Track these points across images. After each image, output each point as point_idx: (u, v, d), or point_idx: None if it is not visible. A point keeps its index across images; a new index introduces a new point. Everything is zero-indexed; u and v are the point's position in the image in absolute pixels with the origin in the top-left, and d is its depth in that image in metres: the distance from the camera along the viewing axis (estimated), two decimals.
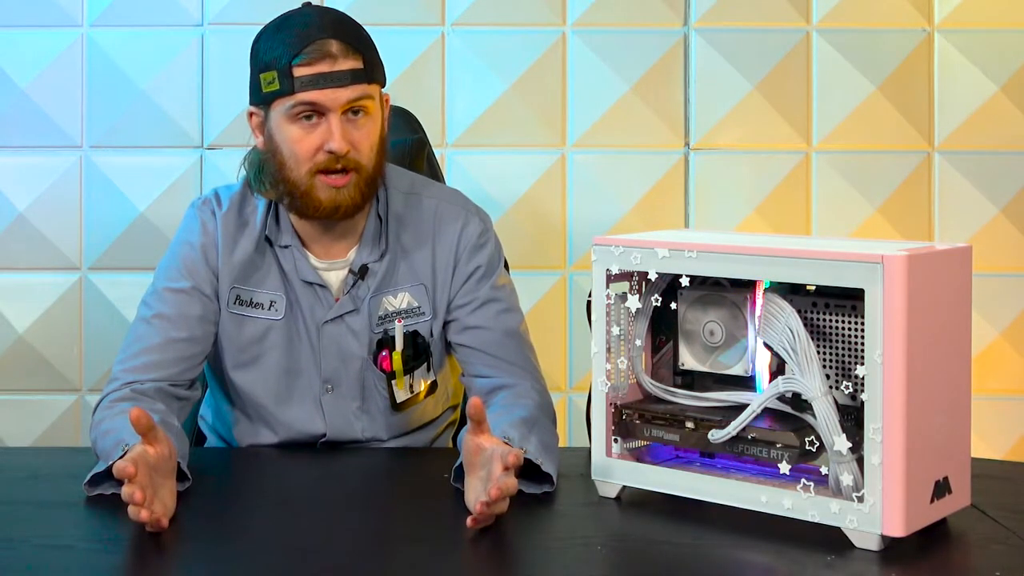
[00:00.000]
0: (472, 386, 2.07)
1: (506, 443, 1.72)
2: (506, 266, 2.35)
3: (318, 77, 1.92)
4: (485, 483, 1.65)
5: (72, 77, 3.01)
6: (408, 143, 2.39)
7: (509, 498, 1.64)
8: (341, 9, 2.97)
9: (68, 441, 3.01)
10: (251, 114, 2.02)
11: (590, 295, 1.79)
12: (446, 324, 2.10)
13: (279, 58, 1.93)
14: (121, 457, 1.66)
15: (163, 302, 2.03)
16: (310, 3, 2.04)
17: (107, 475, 1.76)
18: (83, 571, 1.55)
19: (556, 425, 2.00)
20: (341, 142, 1.93)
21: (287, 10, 2.02)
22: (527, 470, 1.76)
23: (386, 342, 2.05)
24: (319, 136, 1.94)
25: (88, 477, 1.78)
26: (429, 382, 2.09)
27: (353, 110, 1.95)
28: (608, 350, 1.78)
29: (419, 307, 2.07)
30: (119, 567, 1.55)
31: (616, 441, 1.79)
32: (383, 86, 2.02)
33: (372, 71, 1.97)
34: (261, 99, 1.97)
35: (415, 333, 2.07)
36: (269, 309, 2.05)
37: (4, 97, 3.01)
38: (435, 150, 2.56)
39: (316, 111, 1.93)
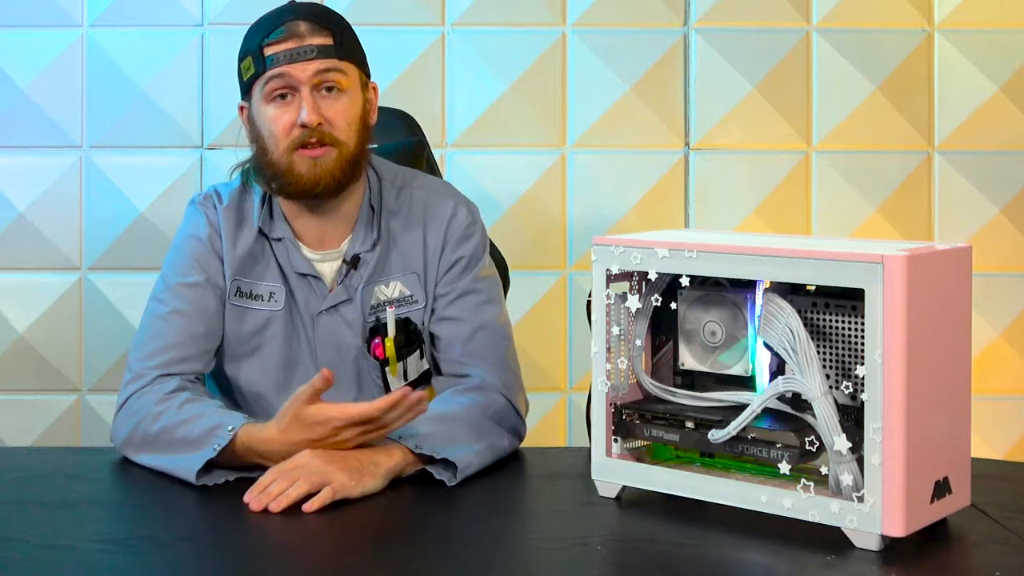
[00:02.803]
0: (441, 386, 2.07)
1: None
2: (504, 266, 2.35)
3: (286, 53, 1.99)
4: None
5: (72, 77, 3.01)
6: (408, 146, 2.40)
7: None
8: (341, 10, 2.99)
9: (68, 441, 3.01)
10: (241, 108, 2.09)
11: (590, 295, 1.79)
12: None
13: (252, 43, 2.02)
14: (229, 440, 1.82)
15: (178, 297, 2.04)
16: (295, 0, 2.09)
17: (207, 466, 1.83)
18: (83, 571, 1.54)
19: (506, 421, 1.99)
20: (311, 114, 1.98)
21: None
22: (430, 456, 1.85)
23: (378, 329, 2.06)
24: (293, 112, 2.00)
25: (200, 466, 1.82)
26: (423, 370, 2.09)
27: (327, 87, 2.01)
28: (608, 350, 1.78)
29: (411, 295, 2.08)
30: (119, 567, 1.55)
31: (616, 441, 1.79)
32: (361, 68, 2.06)
33: (343, 48, 2.02)
34: (244, 89, 2.05)
35: (407, 320, 2.07)
36: (269, 300, 2.07)
37: (4, 97, 3.01)
38: (435, 150, 2.56)
39: (289, 88, 2.00)
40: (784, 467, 1.65)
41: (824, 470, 1.65)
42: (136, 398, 1.97)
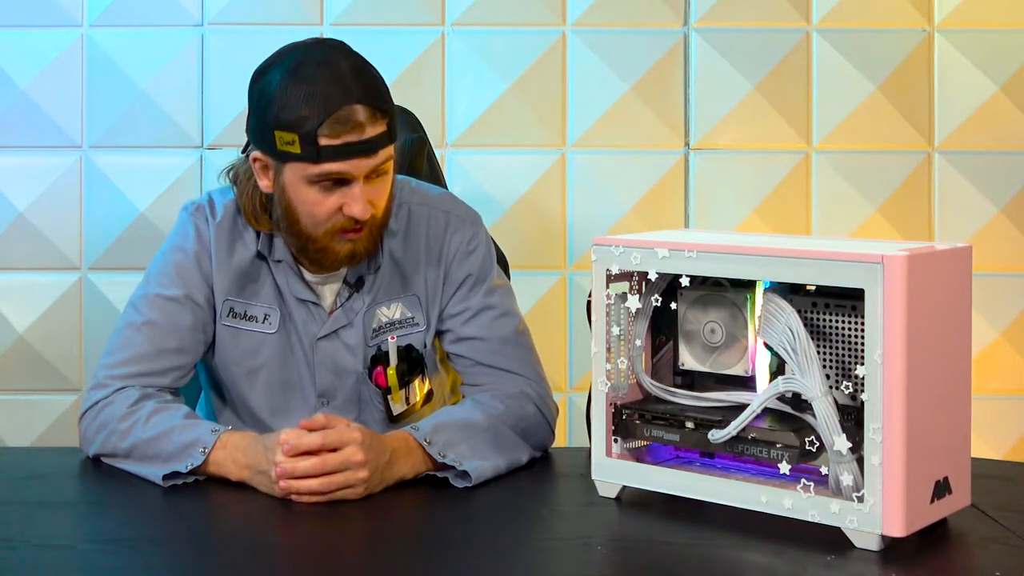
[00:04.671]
0: (469, 396, 2.05)
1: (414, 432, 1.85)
2: (505, 264, 2.35)
3: (345, 148, 1.85)
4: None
5: (72, 77, 3.01)
6: (408, 142, 2.39)
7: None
8: (340, 12, 2.99)
9: (68, 441, 3.00)
10: (256, 159, 1.94)
11: (590, 295, 1.79)
12: (441, 333, 2.09)
13: (301, 122, 1.84)
14: (202, 461, 1.83)
15: (154, 309, 2.01)
16: (320, 39, 1.96)
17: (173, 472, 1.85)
18: (83, 571, 1.55)
19: (534, 436, 1.99)
20: (364, 210, 1.89)
21: (293, 44, 1.93)
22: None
23: (380, 358, 2.04)
24: (338, 200, 1.90)
25: (167, 472, 1.84)
26: (425, 391, 2.08)
27: (377, 173, 1.91)
28: (608, 350, 1.78)
29: (412, 318, 2.06)
30: (119, 567, 1.55)
31: (616, 441, 1.79)
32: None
33: (393, 129, 1.91)
34: (275, 155, 1.89)
35: (409, 346, 2.05)
36: (263, 322, 2.04)
37: (4, 97, 3.00)
38: (435, 150, 2.55)
39: (340, 180, 1.89)
40: (784, 467, 1.65)
41: (824, 470, 1.65)
42: (99, 410, 1.95)
